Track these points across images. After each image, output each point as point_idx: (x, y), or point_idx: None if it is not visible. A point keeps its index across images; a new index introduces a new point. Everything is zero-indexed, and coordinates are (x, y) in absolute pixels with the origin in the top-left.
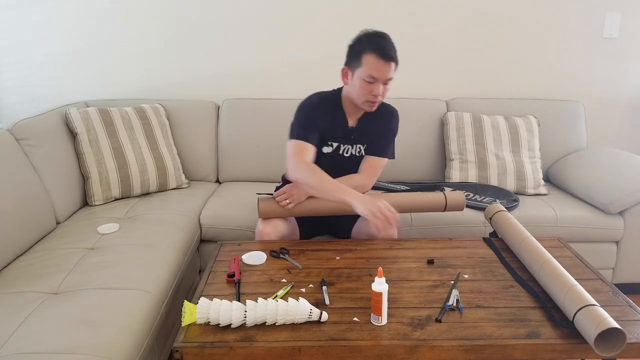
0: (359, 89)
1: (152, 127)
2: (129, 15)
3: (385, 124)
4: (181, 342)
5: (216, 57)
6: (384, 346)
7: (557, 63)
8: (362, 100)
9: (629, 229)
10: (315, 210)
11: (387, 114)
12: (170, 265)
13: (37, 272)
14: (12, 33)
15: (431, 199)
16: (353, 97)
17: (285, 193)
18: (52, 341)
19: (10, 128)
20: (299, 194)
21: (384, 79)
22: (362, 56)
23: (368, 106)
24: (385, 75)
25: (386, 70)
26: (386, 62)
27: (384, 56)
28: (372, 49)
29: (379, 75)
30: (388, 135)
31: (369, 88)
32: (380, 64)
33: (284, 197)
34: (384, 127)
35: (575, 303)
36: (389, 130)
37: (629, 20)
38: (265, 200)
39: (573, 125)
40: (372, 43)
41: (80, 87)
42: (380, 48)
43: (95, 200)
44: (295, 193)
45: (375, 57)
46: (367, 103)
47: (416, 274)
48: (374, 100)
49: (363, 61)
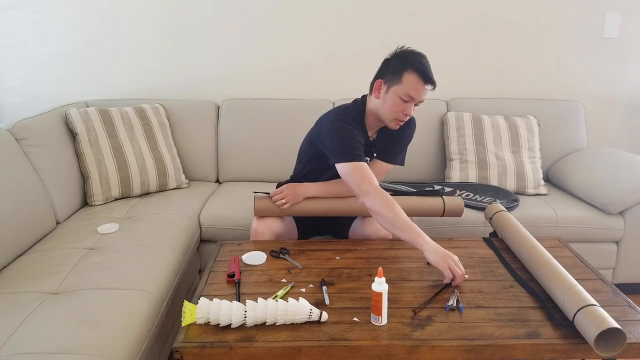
0: (392, 105)
1: (152, 127)
2: (129, 15)
3: (403, 133)
4: (181, 342)
5: (216, 57)
6: (384, 346)
7: (557, 63)
8: (392, 117)
9: (629, 229)
10: (313, 211)
11: (406, 123)
12: (170, 265)
13: (37, 272)
14: (12, 33)
15: (429, 204)
16: (381, 112)
17: (281, 193)
18: (52, 341)
19: (10, 128)
20: (295, 194)
21: (419, 100)
22: (404, 74)
23: (395, 124)
24: (421, 97)
25: (424, 92)
26: (426, 84)
27: (425, 78)
28: (415, 69)
29: (417, 96)
30: (402, 144)
31: (402, 107)
32: (421, 85)
33: (279, 197)
34: (400, 137)
35: (575, 303)
36: (405, 139)
37: (629, 20)
38: (261, 199)
39: (573, 125)
40: (415, 62)
41: (80, 87)
42: (423, 70)
43: (95, 200)
44: (292, 193)
45: (417, 78)
46: (395, 121)
47: (416, 274)
48: (402, 120)
49: (404, 79)
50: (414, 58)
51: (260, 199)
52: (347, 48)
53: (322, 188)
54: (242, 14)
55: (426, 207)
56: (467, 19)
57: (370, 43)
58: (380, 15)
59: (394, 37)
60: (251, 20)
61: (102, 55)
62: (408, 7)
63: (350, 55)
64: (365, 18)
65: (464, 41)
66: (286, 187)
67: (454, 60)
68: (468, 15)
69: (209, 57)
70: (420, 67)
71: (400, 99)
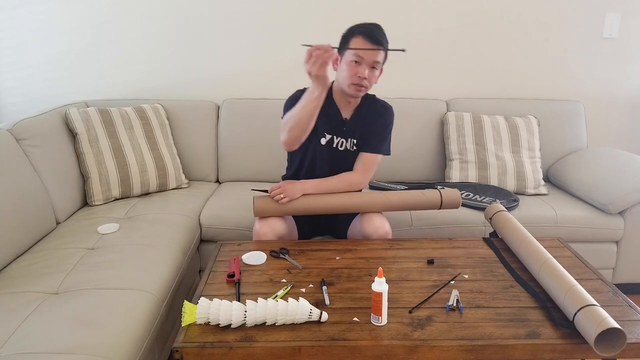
0: (346, 71)
1: (152, 127)
2: (129, 15)
3: (379, 119)
4: (181, 342)
5: (216, 57)
6: (384, 346)
7: (557, 63)
8: (348, 82)
9: (629, 229)
10: (313, 209)
11: (381, 109)
12: (170, 265)
13: (37, 272)
14: (12, 33)
15: (428, 196)
16: (340, 82)
17: (280, 188)
18: (52, 341)
19: (10, 128)
20: (293, 189)
21: (371, 60)
22: (351, 40)
23: (354, 89)
24: (372, 58)
25: (373, 53)
26: (373, 45)
27: (372, 39)
28: (360, 33)
29: (365, 55)
30: (382, 132)
31: (355, 70)
32: (368, 45)
33: (278, 192)
34: (377, 123)
35: (575, 303)
36: (383, 126)
37: (629, 20)
38: (260, 198)
39: (573, 125)
40: (362, 27)
41: (80, 87)
42: (368, 31)
43: (95, 200)
44: (290, 188)
45: (362, 39)
46: (353, 86)
47: (416, 274)
48: (359, 83)
49: (351, 43)
50: (363, 25)
51: (260, 199)
52: None
53: (320, 184)
54: (242, 14)
55: (425, 200)
56: (467, 19)
57: None
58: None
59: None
60: (251, 20)
61: (102, 55)
62: (408, 7)
63: None
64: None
65: (464, 41)
66: (284, 183)
67: (454, 60)
68: (468, 15)
69: (209, 57)
70: (365, 30)
71: (352, 63)
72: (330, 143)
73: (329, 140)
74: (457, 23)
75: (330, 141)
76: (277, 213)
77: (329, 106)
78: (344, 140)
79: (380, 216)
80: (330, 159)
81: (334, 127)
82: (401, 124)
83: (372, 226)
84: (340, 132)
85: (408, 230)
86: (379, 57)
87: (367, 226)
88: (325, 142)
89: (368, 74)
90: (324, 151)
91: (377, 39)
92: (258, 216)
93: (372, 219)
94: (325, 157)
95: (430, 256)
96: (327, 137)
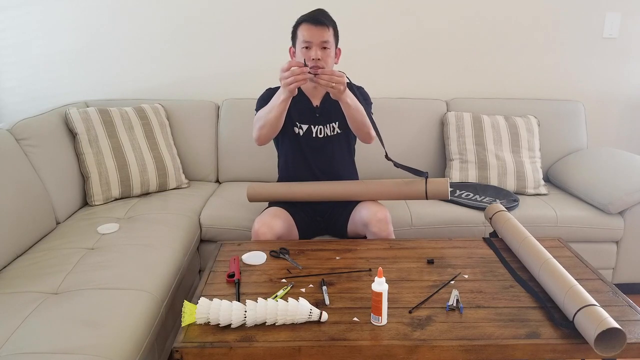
0: (300, 58)
1: (152, 127)
2: (129, 15)
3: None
4: (181, 342)
5: (216, 57)
6: (384, 346)
7: (558, 63)
8: None
9: (629, 229)
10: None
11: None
12: (170, 265)
13: (37, 272)
14: (12, 33)
15: (412, 188)
16: None
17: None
18: (52, 341)
19: (10, 128)
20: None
21: (318, 41)
22: (297, 30)
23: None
24: (319, 38)
25: (318, 34)
26: (317, 26)
27: (314, 21)
28: (304, 19)
29: (312, 38)
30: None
31: (307, 54)
32: (312, 28)
33: (288, 75)
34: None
35: (575, 303)
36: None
37: (629, 20)
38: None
39: (573, 125)
40: (304, 15)
41: (80, 87)
42: (310, 16)
43: (95, 200)
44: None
45: (306, 24)
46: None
47: (416, 274)
48: (315, 65)
49: (298, 33)
50: (305, 14)
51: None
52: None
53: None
54: (242, 13)
55: (408, 191)
56: (467, 19)
57: (369, 42)
58: (380, 15)
59: (393, 36)
60: (251, 21)
61: (102, 55)
62: (408, 7)
63: (349, 55)
64: (364, 17)
65: (464, 41)
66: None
67: (454, 60)
68: (468, 15)
69: (209, 57)
70: (306, 16)
71: (304, 50)
72: (309, 133)
73: (306, 131)
74: (457, 23)
75: (309, 131)
76: (269, 198)
77: (299, 97)
78: (321, 127)
79: (376, 203)
80: (315, 148)
81: (307, 116)
82: (401, 124)
83: (370, 211)
84: (314, 120)
85: (408, 230)
86: (325, 36)
87: (365, 212)
88: (303, 133)
89: (321, 55)
90: (305, 142)
91: (319, 20)
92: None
93: (368, 205)
94: (310, 148)
95: (430, 256)
96: (304, 128)
